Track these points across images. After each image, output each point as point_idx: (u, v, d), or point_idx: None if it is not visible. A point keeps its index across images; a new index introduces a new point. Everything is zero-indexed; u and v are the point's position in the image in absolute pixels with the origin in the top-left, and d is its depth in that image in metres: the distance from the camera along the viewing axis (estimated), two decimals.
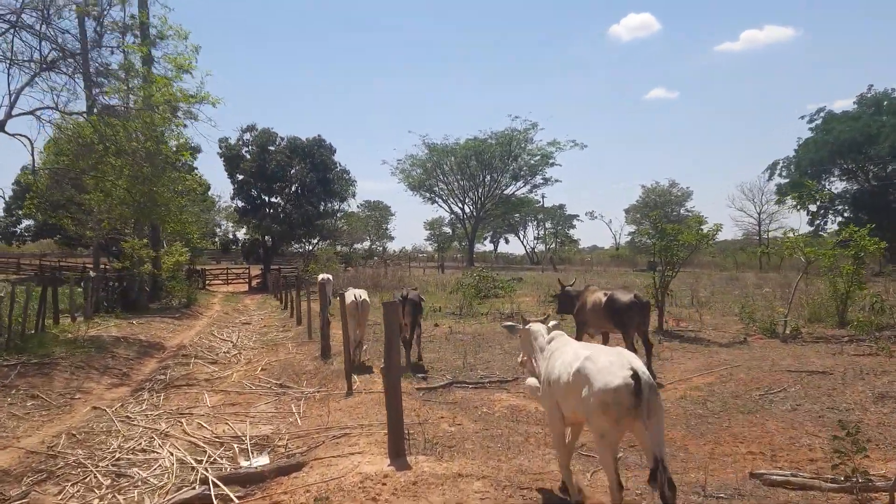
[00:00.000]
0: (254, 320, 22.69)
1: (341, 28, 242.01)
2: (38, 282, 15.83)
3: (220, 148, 47.30)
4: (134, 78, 20.66)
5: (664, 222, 14.06)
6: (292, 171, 46.44)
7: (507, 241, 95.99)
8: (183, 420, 8.50)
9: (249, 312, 26.22)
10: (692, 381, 10.00)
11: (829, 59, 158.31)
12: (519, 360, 6.27)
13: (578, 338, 11.25)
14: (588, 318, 11.03)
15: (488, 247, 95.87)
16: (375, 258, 57.60)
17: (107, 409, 8.92)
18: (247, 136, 47.60)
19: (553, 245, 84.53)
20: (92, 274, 19.34)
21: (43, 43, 16.21)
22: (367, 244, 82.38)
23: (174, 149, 24.68)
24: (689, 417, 8.14)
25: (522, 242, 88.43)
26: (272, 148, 46.91)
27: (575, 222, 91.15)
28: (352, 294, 12.70)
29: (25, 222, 40.98)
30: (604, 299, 10.52)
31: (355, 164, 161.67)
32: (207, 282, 43.44)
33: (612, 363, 4.42)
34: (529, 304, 22.29)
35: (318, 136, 48.19)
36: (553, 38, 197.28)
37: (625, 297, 10.35)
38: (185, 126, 33.37)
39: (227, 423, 8.28)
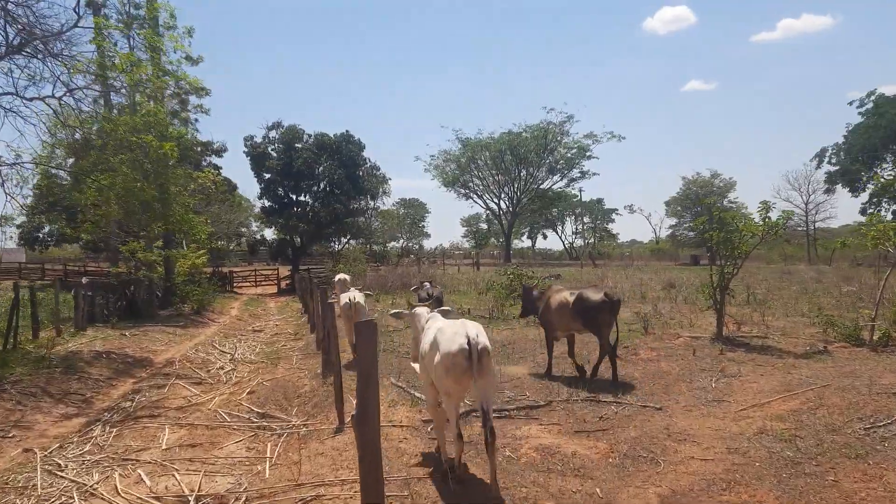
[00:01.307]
0: (268, 326, 21.10)
1: (370, 22, 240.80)
2: (14, 289, 14.28)
3: (246, 146, 46.20)
4: (136, 69, 19.24)
5: (721, 210, 11.85)
6: (320, 168, 44.98)
7: (545, 237, 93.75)
8: (124, 468, 6.77)
9: (268, 317, 24.68)
10: (771, 407, 7.95)
11: (870, 45, 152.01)
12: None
13: (548, 343, 10.65)
14: (554, 320, 10.35)
15: (526, 243, 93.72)
16: (412, 256, 55.85)
17: (38, 452, 7.25)
18: (273, 133, 46.37)
19: (592, 240, 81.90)
20: (84, 280, 17.90)
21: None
22: (402, 242, 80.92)
23: (182, 144, 23.31)
24: (777, 464, 6.12)
25: (560, 238, 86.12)
26: (299, 145, 45.53)
27: (614, 216, 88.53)
28: (346, 296, 11.92)
29: (48, 227, 40.10)
30: (571, 299, 9.94)
31: (390, 162, 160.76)
32: (236, 284, 42.26)
33: (455, 333, 5.47)
34: None
35: (347, 131, 46.68)
36: (587, 32, 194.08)
37: (595, 295, 9.77)
38: (195, 120, 32.42)
39: (175, 475, 6.52)
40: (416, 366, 6.37)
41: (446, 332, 5.63)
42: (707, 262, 60.20)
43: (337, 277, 24.52)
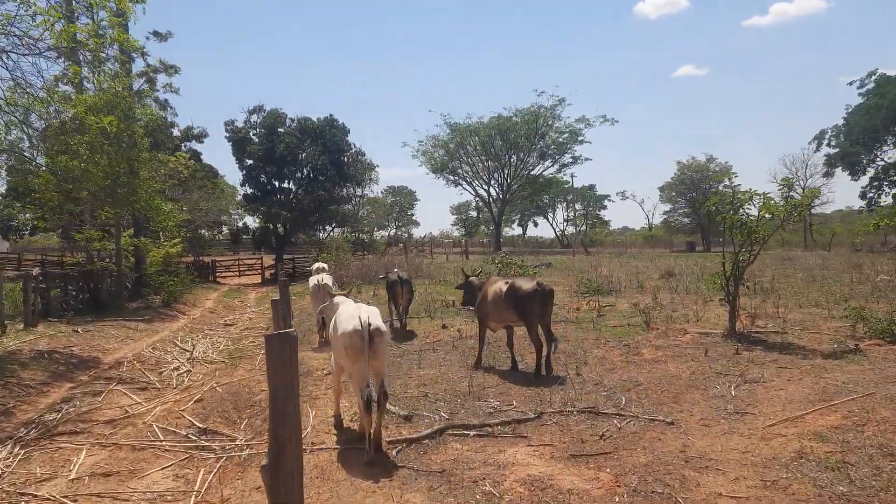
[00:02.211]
0: (242, 320, 19.68)
1: (356, 4, 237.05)
2: None
3: (227, 131, 44.60)
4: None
5: (735, 191, 10.44)
6: (303, 154, 43.39)
7: (535, 225, 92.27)
8: None
9: (244, 309, 23.23)
10: (807, 422, 6.61)
11: (863, 28, 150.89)
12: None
13: (480, 333, 10.32)
14: (489, 311, 9.96)
15: (516, 230, 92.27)
16: (400, 245, 54.33)
17: None
18: (254, 117, 44.76)
19: (584, 227, 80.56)
20: (35, 271, 16.40)
21: None
22: (390, 231, 79.36)
23: (151, 126, 21.78)
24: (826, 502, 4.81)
25: (552, 225, 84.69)
26: (281, 130, 43.92)
27: (606, 203, 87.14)
28: (315, 278, 12.04)
29: (22, 216, 38.35)
30: (504, 288, 9.59)
31: (378, 151, 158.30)
32: (218, 274, 40.73)
33: (350, 315, 6.26)
34: (559, 295, 18.88)
35: (330, 115, 45.08)
36: (578, 16, 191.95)
37: (527, 284, 9.43)
38: (165, 101, 30.81)
39: None
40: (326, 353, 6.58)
41: (343, 315, 6.47)
42: (703, 248, 59.27)
43: (315, 266, 23.57)
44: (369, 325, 6.04)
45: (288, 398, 3.44)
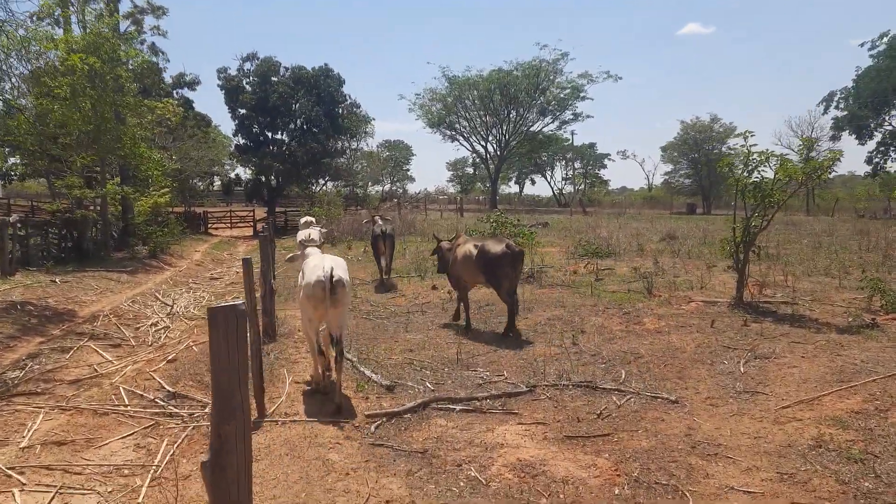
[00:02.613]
0: (229, 274, 19.08)
1: None
2: None
3: (220, 79, 43.35)
4: None
5: (749, 151, 9.66)
6: (296, 104, 42.22)
7: (533, 183, 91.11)
8: None
9: (232, 262, 22.60)
10: (824, 404, 6.06)
11: None
12: None
13: (461, 295, 10.05)
14: (461, 273, 9.83)
15: (513, 188, 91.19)
16: (394, 200, 53.48)
17: None
18: (247, 65, 43.43)
19: (582, 186, 79.63)
20: (13, 218, 15.72)
21: None
22: (386, 186, 78.37)
23: (138, 70, 20.85)
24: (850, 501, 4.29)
25: (549, 183, 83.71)
26: (275, 79, 42.67)
27: (606, 162, 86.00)
28: (303, 233, 10.87)
29: (11, 160, 37.25)
30: (474, 251, 9.42)
31: (374, 105, 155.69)
32: (210, 225, 39.98)
33: (315, 266, 6.38)
34: (555, 257, 18.30)
35: (325, 65, 43.74)
36: None
37: (496, 247, 9.18)
38: (152, 44, 29.69)
39: (15, 494, 4.63)
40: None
41: (309, 265, 6.62)
42: (703, 211, 58.54)
43: (302, 220, 23.05)
44: (332, 276, 6.19)
45: (234, 387, 2.84)
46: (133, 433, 6.00)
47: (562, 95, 61.20)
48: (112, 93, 18.45)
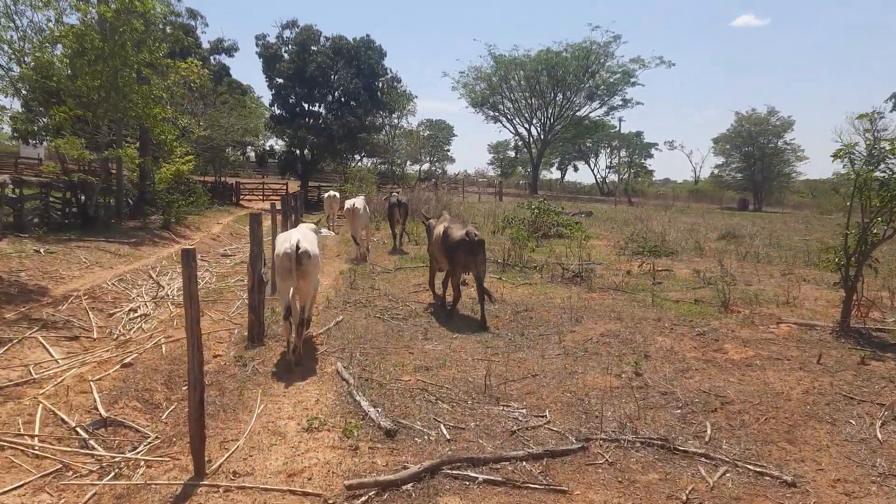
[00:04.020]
0: (243, 250, 17.47)
1: None
2: None
3: (258, 46, 41.74)
4: None
5: (877, 139, 7.49)
6: (335, 75, 40.42)
7: (575, 170, 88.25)
8: None
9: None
10: None
11: None
12: None
13: (452, 280, 9.31)
14: (434, 253, 9.80)
15: (555, 174, 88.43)
16: (432, 180, 51.63)
17: None
18: (287, 33, 41.66)
19: (627, 176, 76.63)
20: (2, 179, 14.26)
21: None
22: (424, 165, 76.43)
23: (151, 18, 19.18)
24: None
25: (593, 171, 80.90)
26: (314, 48, 40.86)
27: (653, 151, 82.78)
28: (349, 202, 12.79)
29: (43, 120, 36.28)
30: (441, 233, 9.27)
31: (416, 83, 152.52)
32: (242, 197, 38.55)
33: (285, 239, 6.80)
34: (602, 251, 16.27)
35: (367, 36, 41.81)
36: None
37: (457, 232, 8.87)
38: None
39: None
40: None
41: (281, 237, 7.19)
42: (754, 207, 55.38)
43: (326, 195, 22.51)
44: (297, 247, 6.51)
45: None
46: (21, 486, 4.30)
47: (611, 80, 58.53)
48: (129, 47, 16.83)
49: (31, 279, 10.55)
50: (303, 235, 6.88)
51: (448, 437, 5.06)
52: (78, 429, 5.14)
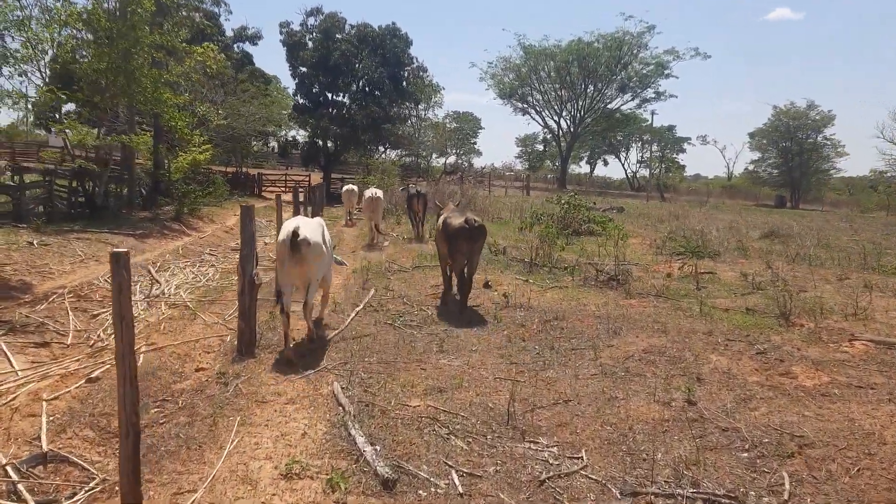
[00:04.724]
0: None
1: None
2: None
3: (282, 33, 41.00)
4: None
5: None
6: (359, 64, 39.48)
7: (605, 164, 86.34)
8: None
9: (268, 230, 20.15)
10: None
11: None
12: None
13: (454, 267, 9.03)
14: (438, 243, 9.68)
15: (584, 169, 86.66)
16: (458, 173, 50.53)
17: None
18: (311, 20, 40.82)
19: (658, 170, 74.72)
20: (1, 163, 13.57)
21: None
22: (451, 158, 75.25)
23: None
24: None
25: (623, 166, 79.01)
26: (339, 36, 39.95)
27: (685, 146, 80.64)
28: (368, 192, 13.27)
29: (65, 108, 35.81)
30: (441, 222, 9.25)
31: (443, 73, 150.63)
32: (265, 188, 37.83)
33: (287, 226, 6.59)
34: (638, 251, 15.12)
35: (393, 23, 40.82)
36: None
37: (456, 220, 8.72)
38: None
39: None
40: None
41: (283, 225, 6.93)
42: (791, 205, 53.38)
43: (345, 189, 22.69)
44: (295, 234, 6.34)
45: None
46: None
47: (644, 72, 56.85)
48: (140, 28, 16.01)
49: (15, 274, 9.75)
50: (305, 223, 6.70)
51: (461, 489, 4.04)
52: (8, 467, 4.20)
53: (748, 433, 4.95)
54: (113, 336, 7.24)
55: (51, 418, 5.01)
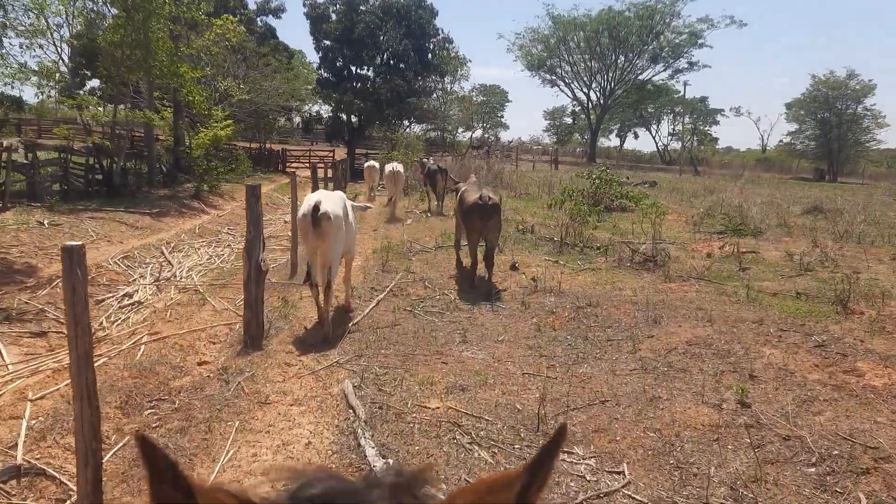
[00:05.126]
0: (275, 222, 16.21)
1: None
2: None
3: (305, 6, 40.22)
4: None
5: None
6: (383, 36, 38.64)
7: (636, 137, 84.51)
8: None
9: (288, 208, 19.71)
10: None
11: None
12: None
13: (470, 244, 8.64)
14: (457, 219, 9.38)
15: (613, 142, 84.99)
16: (485, 148, 49.68)
17: None
18: None
19: (691, 143, 72.93)
20: (7, 143, 13.18)
21: None
22: (477, 132, 74.22)
23: None
24: None
25: (654, 138, 77.26)
26: (363, 8, 39.11)
27: (718, 118, 78.54)
28: (389, 166, 13.46)
29: (90, 84, 35.62)
30: (459, 198, 9.11)
31: (470, 46, 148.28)
32: (288, 164, 37.44)
33: (309, 199, 6.48)
34: (673, 228, 14.35)
35: None
36: None
37: (471, 196, 8.51)
38: None
39: None
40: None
41: (305, 199, 6.71)
42: (829, 178, 51.65)
43: (367, 165, 22.09)
44: (315, 209, 6.17)
45: None
46: None
47: (677, 41, 55.14)
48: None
49: (21, 256, 9.36)
50: (326, 196, 6.58)
51: None
52: None
53: (813, 443, 4.32)
54: (115, 324, 6.82)
55: (33, 421, 4.56)
